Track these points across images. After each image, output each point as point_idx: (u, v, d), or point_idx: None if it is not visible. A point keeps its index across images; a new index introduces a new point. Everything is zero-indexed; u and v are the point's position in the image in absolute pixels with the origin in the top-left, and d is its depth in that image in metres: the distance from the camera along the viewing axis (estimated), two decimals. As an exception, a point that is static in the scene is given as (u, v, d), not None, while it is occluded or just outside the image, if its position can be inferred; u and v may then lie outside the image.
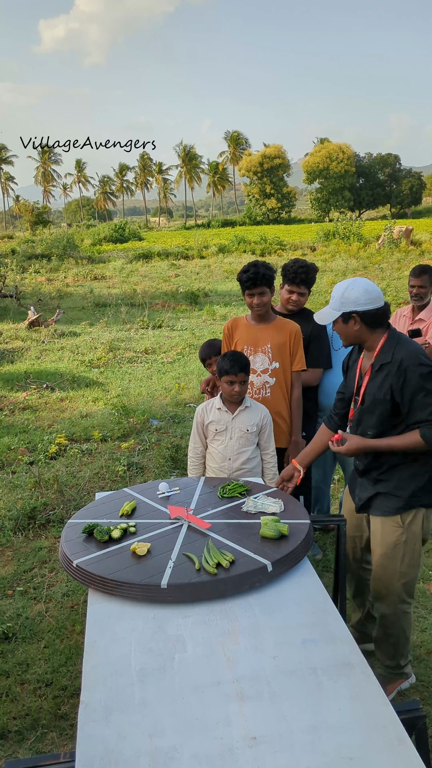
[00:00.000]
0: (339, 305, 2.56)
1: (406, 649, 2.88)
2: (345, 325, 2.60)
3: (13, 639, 3.36)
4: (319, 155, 74.51)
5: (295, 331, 3.61)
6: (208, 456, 3.42)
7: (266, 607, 2.08)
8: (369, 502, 2.75)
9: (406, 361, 2.47)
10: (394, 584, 2.70)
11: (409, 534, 2.64)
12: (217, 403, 3.36)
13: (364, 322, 2.56)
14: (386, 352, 2.55)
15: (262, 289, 3.49)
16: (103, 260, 27.62)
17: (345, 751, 1.52)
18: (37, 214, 49.07)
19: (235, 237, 32.73)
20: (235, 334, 3.69)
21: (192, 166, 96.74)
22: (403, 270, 19.07)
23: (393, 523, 2.65)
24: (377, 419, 2.59)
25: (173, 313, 14.09)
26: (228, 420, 3.31)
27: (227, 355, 3.25)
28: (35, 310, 13.07)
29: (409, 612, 2.79)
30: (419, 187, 79.30)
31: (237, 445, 3.30)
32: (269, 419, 3.38)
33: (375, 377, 2.58)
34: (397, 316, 4.40)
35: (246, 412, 3.32)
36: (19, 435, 6.42)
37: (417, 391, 2.45)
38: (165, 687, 1.74)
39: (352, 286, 2.55)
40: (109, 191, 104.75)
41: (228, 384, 3.25)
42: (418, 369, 2.45)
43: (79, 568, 2.27)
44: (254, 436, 3.33)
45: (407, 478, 2.60)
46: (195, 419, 3.42)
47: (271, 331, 3.61)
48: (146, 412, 7.00)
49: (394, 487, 2.63)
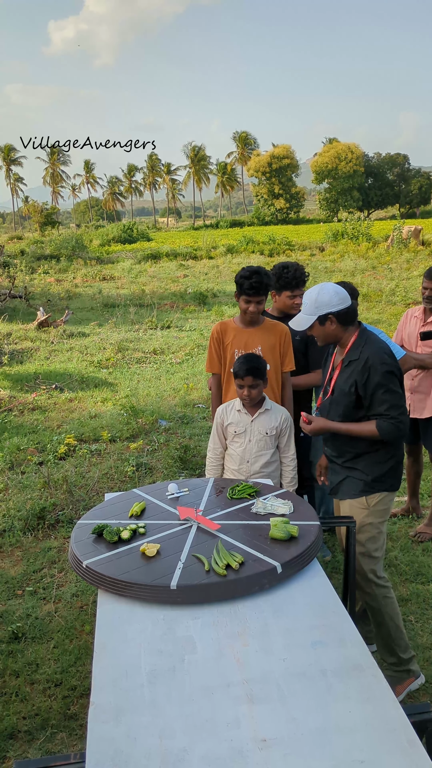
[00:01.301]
0: (314, 310, 2.79)
1: (401, 639, 2.94)
2: (322, 327, 2.82)
3: (22, 639, 3.37)
4: (327, 155, 74.33)
5: (285, 332, 3.65)
6: (227, 457, 3.41)
7: (276, 609, 2.08)
8: (338, 487, 2.98)
9: (371, 359, 2.72)
10: (362, 565, 2.89)
11: (374, 515, 2.88)
12: (237, 404, 3.34)
13: (339, 322, 2.80)
14: (356, 349, 2.80)
15: (261, 297, 3.51)
16: (111, 261, 27.68)
17: (355, 754, 1.51)
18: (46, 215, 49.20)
19: (244, 237, 32.68)
20: (224, 338, 3.68)
21: (200, 167, 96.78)
22: (412, 270, 18.99)
23: (359, 504, 2.88)
24: (342, 409, 2.84)
25: (182, 313, 14.11)
26: (247, 422, 3.29)
27: (239, 358, 3.24)
28: (44, 310, 13.12)
29: (390, 597, 2.93)
30: (428, 186, 78.95)
31: (256, 448, 3.28)
32: (290, 422, 3.36)
33: (344, 371, 2.83)
34: (408, 316, 4.36)
35: (266, 414, 3.30)
36: (29, 435, 6.45)
37: (377, 388, 2.71)
38: (175, 688, 1.75)
39: (323, 291, 2.78)
40: (117, 192, 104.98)
41: (238, 387, 3.24)
42: (380, 368, 2.70)
43: (89, 569, 2.27)
44: (274, 439, 3.31)
45: (372, 464, 2.84)
46: (215, 419, 3.41)
47: (261, 334, 3.62)
48: (155, 413, 7.01)
49: (360, 471, 2.87)
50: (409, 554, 4.11)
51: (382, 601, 2.91)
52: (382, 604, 2.91)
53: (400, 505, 4.76)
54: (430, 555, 4.10)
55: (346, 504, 2.94)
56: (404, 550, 4.17)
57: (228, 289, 17.69)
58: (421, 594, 3.68)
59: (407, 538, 4.31)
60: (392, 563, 4.00)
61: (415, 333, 4.22)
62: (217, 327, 3.74)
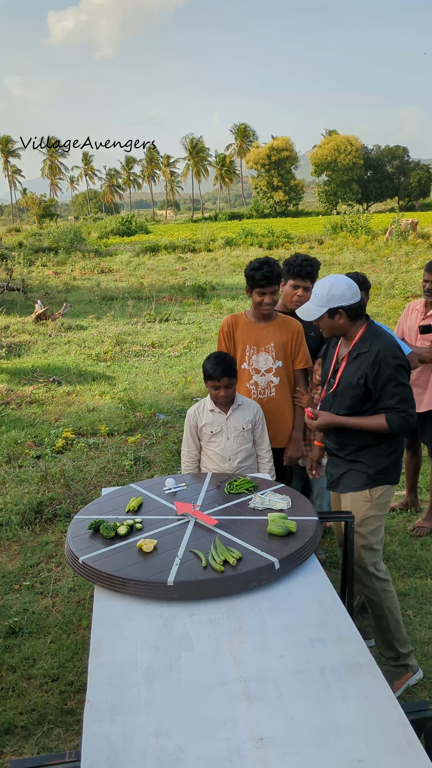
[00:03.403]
0: (325, 302, 2.74)
1: (400, 634, 2.94)
2: (331, 320, 2.78)
3: (19, 634, 3.36)
4: (326, 147, 74.04)
5: (298, 329, 3.58)
6: (204, 458, 3.34)
7: (273, 606, 2.06)
8: (339, 480, 2.96)
9: (383, 352, 2.70)
10: (363, 558, 2.89)
11: (376, 508, 2.87)
12: (208, 404, 3.28)
13: (348, 316, 2.77)
14: (364, 342, 2.78)
15: (275, 287, 3.44)
16: (110, 253, 27.56)
17: (353, 754, 1.50)
18: (44, 207, 49.03)
19: (243, 230, 32.56)
20: (236, 333, 3.60)
21: (199, 159, 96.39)
22: (411, 263, 18.93)
23: (362, 497, 2.87)
24: (349, 402, 2.82)
25: (180, 306, 14.06)
26: (222, 421, 3.25)
27: (211, 357, 3.17)
28: (42, 303, 13.06)
29: (390, 591, 2.93)
30: (427, 179, 78.67)
31: (235, 444, 3.24)
32: (261, 414, 3.34)
33: (351, 364, 2.80)
34: (409, 309, 4.34)
35: (239, 410, 3.26)
36: (26, 429, 6.42)
37: (388, 381, 2.69)
38: (171, 686, 1.73)
39: (336, 283, 2.73)
40: (116, 184, 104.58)
41: (213, 389, 3.19)
42: (392, 361, 2.69)
43: (85, 565, 2.26)
44: (250, 433, 3.28)
45: (375, 457, 2.84)
46: (187, 422, 3.34)
47: (273, 330, 3.55)
48: (153, 406, 6.99)
49: (364, 464, 2.86)
50: (408, 548, 4.10)
51: (383, 594, 2.90)
52: (383, 597, 2.90)
53: (399, 499, 4.75)
54: (429, 549, 4.09)
55: (348, 497, 2.93)
56: (402, 544, 4.16)
57: (227, 282, 17.64)
58: (419, 588, 3.67)
59: (405, 533, 4.30)
60: (390, 557, 3.99)
61: (416, 326, 4.20)
62: (228, 320, 3.63)
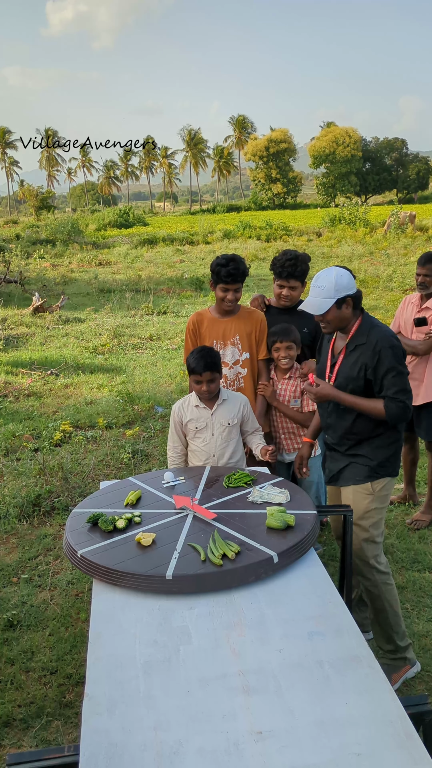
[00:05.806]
0: (334, 293, 2.71)
1: (399, 626, 2.94)
2: (339, 311, 2.74)
3: (17, 626, 3.36)
4: (325, 139, 73.74)
5: (261, 319, 3.62)
6: (191, 454, 3.32)
7: (272, 599, 2.06)
8: (339, 474, 2.95)
9: (381, 342, 2.70)
10: (365, 551, 2.88)
11: (378, 500, 2.87)
12: (193, 400, 3.26)
13: (354, 305, 2.77)
14: (362, 333, 2.77)
15: (238, 285, 3.47)
16: (107, 246, 27.48)
17: (352, 747, 1.50)
18: (41, 198, 48.74)
19: (241, 222, 32.44)
20: (201, 329, 3.62)
21: (197, 151, 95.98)
22: (409, 256, 18.89)
23: (363, 490, 2.87)
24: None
25: (178, 299, 14.03)
26: (207, 416, 3.22)
27: (194, 352, 3.14)
28: (40, 295, 13.02)
29: (390, 584, 2.93)
30: (426, 172, 78.47)
31: (220, 440, 3.21)
32: (248, 406, 3.33)
33: (349, 356, 2.80)
34: (406, 302, 4.34)
35: (224, 405, 3.23)
36: (24, 422, 6.41)
37: (388, 371, 2.69)
38: (170, 680, 1.73)
39: (340, 273, 2.73)
40: (113, 176, 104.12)
41: (195, 383, 3.16)
42: (391, 351, 2.69)
43: (84, 558, 2.25)
44: (236, 428, 3.26)
45: (375, 449, 2.84)
46: (172, 418, 3.31)
47: (237, 322, 3.59)
48: (151, 399, 6.98)
49: (364, 457, 2.86)
50: (406, 542, 4.10)
51: (383, 587, 2.90)
52: (383, 590, 2.90)
53: (397, 493, 4.75)
54: (427, 543, 4.09)
55: (349, 490, 2.91)
56: (400, 537, 4.17)
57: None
58: (417, 582, 3.67)
59: (404, 526, 4.31)
60: (388, 551, 3.99)
61: (411, 319, 4.21)
62: (193, 318, 3.68)
